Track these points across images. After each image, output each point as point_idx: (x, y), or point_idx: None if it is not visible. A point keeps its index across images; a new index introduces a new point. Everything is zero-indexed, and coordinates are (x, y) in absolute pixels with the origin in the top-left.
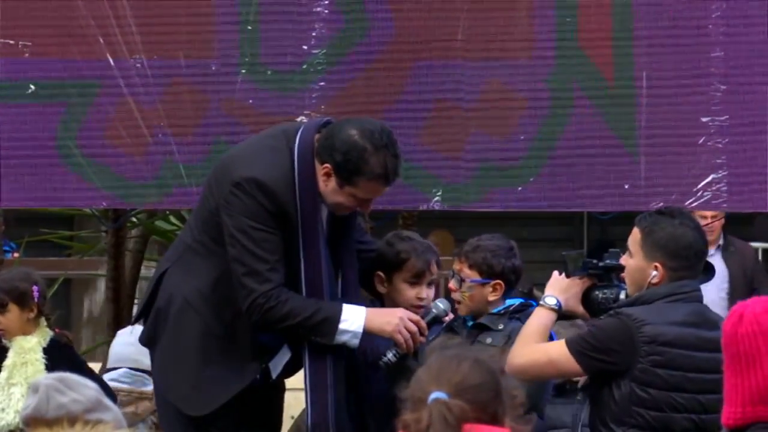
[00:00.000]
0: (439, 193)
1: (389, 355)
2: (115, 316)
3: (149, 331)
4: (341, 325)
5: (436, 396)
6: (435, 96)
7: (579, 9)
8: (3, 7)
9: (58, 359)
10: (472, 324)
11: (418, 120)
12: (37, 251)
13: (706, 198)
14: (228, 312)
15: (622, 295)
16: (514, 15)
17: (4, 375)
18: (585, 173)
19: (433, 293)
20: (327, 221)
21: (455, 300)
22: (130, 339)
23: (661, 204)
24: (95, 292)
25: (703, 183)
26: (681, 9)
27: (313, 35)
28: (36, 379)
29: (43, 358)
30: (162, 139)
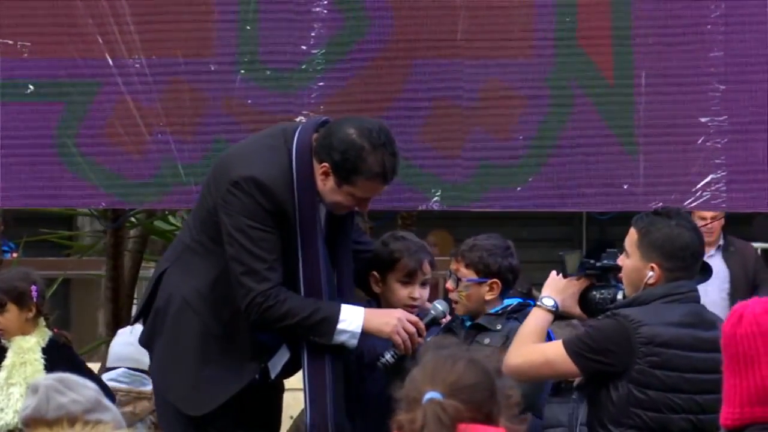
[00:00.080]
0: (438, 193)
1: (387, 356)
2: (114, 316)
3: (148, 331)
4: (339, 325)
5: (430, 396)
6: (434, 95)
7: (578, 8)
8: (2, 6)
9: (57, 359)
10: (470, 324)
11: (417, 119)
12: (36, 251)
13: (705, 198)
14: (227, 311)
15: (619, 295)
16: (513, 14)
17: (3, 375)
18: (584, 173)
19: (428, 293)
20: (325, 221)
21: (452, 300)
22: (130, 339)
23: (660, 204)
24: (94, 292)
25: (702, 183)
26: (680, 9)
27: (312, 35)
28: (35, 380)
29: (42, 358)
30: (161, 138)
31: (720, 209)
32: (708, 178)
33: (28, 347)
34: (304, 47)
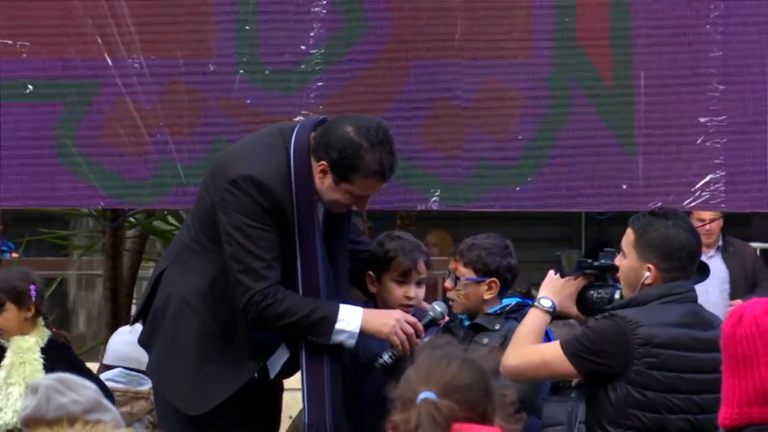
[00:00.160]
0: (437, 193)
1: (385, 356)
2: (113, 316)
3: (147, 331)
4: (338, 325)
5: (424, 396)
6: (433, 95)
7: (577, 8)
8: (1, 7)
9: (57, 359)
10: (468, 324)
11: (417, 120)
12: (35, 251)
13: (704, 198)
14: (225, 310)
15: (617, 295)
16: (512, 14)
17: (2, 375)
18: (583, 173)
19: (423, 293)
20: (323, 219)
21: (450, 299)
22: (130, 337)
23: (659, 204)
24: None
25: (701, 183)
26: (679, 9)
27: (311, 35)
28: (35, 380)
29: (41, 358)
30: (160, 138)
31: (719, 209)
32: (707, 178)
33: (27, 347)
34: (303, 47)
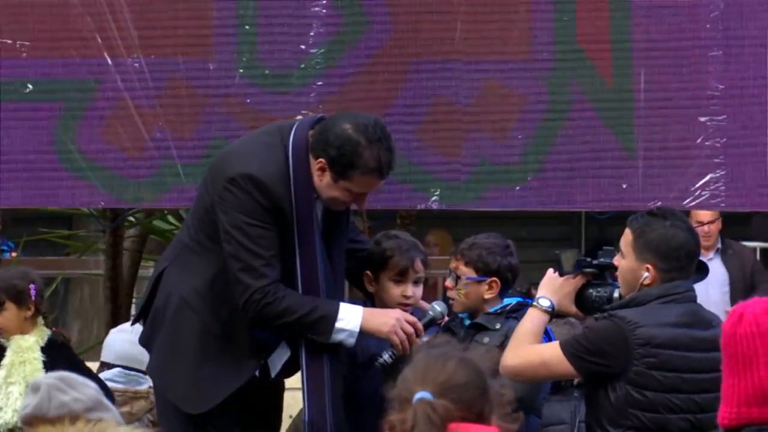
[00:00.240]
0: (437, 193)
1: (385, 356)
2: (113, 315)
3: (148, 331)
4: (338, 323)
5: (420, 396)
6: (433, 96)
7: (577, 9)
8: (1, 6)
9: (56, 358)
10: (469, 324)
11: (417, 119)
12: (35, 250)
13: (704, 197)
14: (225, 309)
15: (615, 293)
16: (512, 15)
17: (2, 374)
18: (583, 173)
19: (421, 291)
20: (321, 217)
21: (451, 298)
22: (131, 336)
23: (659, 204)
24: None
25: (701, 182)
26: (679, 8)
27: (311, 35)
28: (36, 379)
29: (41, 357)
30: (160, 137)
31: (719, 209)
32: (707, 178)
33: (27, 346)
34: (303, 47)
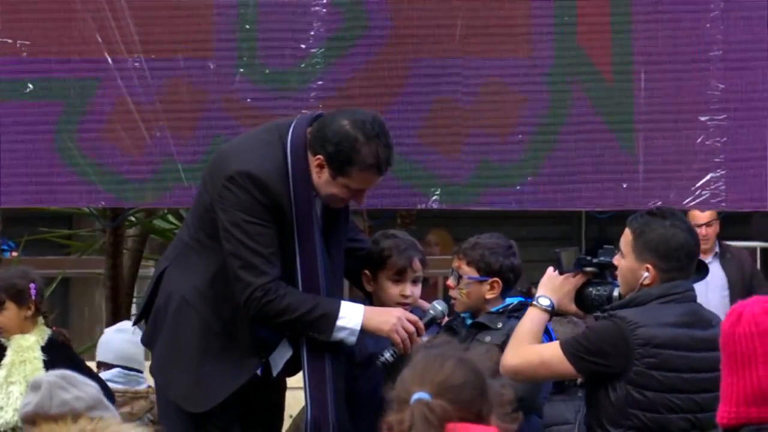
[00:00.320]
0: (437, 192)
1: (387, 354)
2: (113, 315)
3: (149, 330)
4: (339, 322)
5: (418, 396)
6: (433, 93)
7: (577, 6)
8: (1, 6)
9: (57, 357)
10: (471, 323)
11: (417, 118)
12: (35, 250)
13: (704, 197)
14: (226, 308)
15: (615, 292)
16: (512, 12)
17: (2, 373)
18: (583, 172)
19: (419, 291)
20: (320, 215)
21: (453, 297)
22: (131, 336)
23: (659, 203)
24: (94, 291)
25: (701, 182)
26: (680, 6)
27: (311, 34)
28: (37, 377)
29: (41, 357)
30: (160, 137)
31: (719, 208)
32: (707, 177)
33: (28, 345)
34: (303, 46)
